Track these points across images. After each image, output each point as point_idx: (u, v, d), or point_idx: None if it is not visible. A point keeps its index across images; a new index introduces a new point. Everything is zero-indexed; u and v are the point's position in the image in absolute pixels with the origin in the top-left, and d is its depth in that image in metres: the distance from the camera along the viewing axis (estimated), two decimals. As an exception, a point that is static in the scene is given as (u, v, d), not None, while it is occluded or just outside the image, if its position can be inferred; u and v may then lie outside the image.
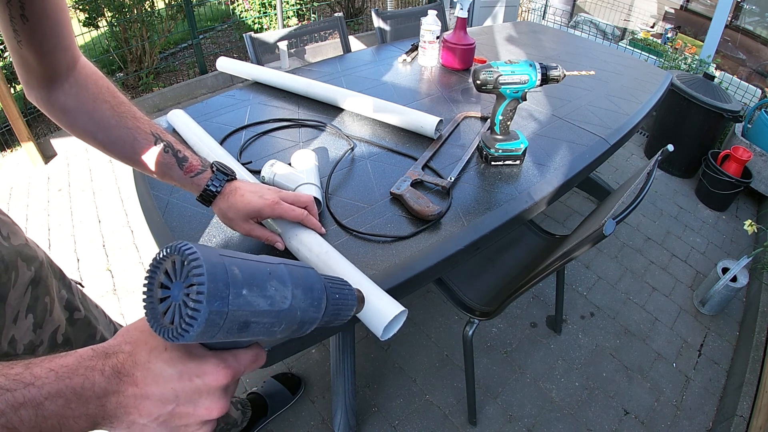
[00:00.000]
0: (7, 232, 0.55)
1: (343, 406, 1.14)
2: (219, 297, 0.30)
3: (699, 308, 1.70)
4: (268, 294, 0.34)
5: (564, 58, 1.77)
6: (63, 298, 0.65)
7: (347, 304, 0.46)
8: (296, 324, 0.37)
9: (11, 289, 0.52)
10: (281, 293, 0.35)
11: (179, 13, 3.06)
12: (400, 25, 1.99)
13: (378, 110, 1.17)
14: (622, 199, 0.85)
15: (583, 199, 2.22)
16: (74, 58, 0.57)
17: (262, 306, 0.33)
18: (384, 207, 0.89)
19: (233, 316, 0.31)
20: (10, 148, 2.44)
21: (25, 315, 0.55)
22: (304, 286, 0.38)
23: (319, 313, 0.40)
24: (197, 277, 0.29)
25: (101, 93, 0.59)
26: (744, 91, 2.63)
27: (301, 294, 0.37)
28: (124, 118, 0.60)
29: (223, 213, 0.67)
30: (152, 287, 0.32)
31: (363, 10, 4.25)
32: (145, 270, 1.70)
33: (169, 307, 0.30)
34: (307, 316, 0.38)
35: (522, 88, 0.96)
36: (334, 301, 0.43)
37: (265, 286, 0.34)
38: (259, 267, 0.35)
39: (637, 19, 3.54)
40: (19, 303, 0.54)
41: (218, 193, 0.66)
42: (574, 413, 1.33)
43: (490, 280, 1.18)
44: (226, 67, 1.41)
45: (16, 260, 0.54)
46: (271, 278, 0.35)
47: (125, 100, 0.62)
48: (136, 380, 0.33)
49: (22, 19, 0.47)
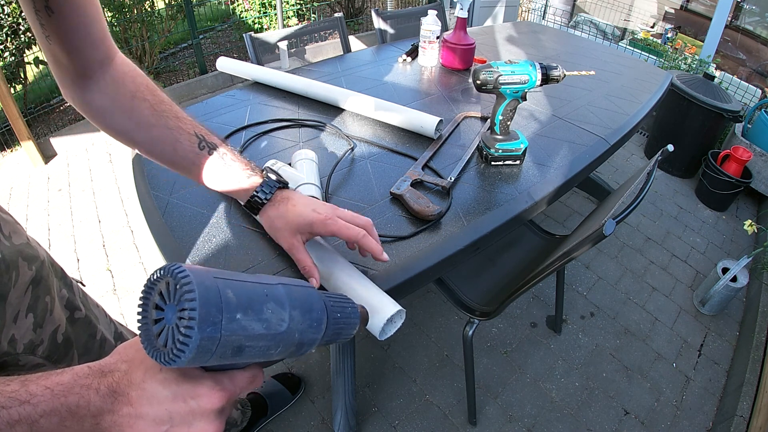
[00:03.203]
0: (8, 231, 0.55)
1: (343, 406, 1.14)
2: (211, 323, 0.29)
3: (699, 308, 1.70)
4: (264, 317, 0.33)
5: (564, 58, 1.77)
6: (64, 297, 0.65)
7: (350, 323, 0.45)
8: (294, 346, 0.37)
9: (12, 289, 0.52)
10: (278, 316, 0.34)
11: (179, 13, 3.06)
12: (400, 25, 1.99)
13: (378, 110, 1.17)
14: (622, 199, 0.85)
15: (583, 199, 2.22)
16: (108, 54, 0.54)
17: (257, 330, 0.32)
18: (384, 207, 0.89)
19: (226, 342, 0.30)
20: (10, 148, 2.44)
21: (25, 314, 0.55)
22: (303, 307, 0.37)
23: (319, 334, 0.39)
24: (189, 302, 0.29)
25: (140, 91, 0.56)
26: (744, 91, 2.63)
27: (300, 315, 0.37)
28: (165, 117, 0.56)
29: (270, 221, 0.63)
30: (147, 308, 0.31)
31: (363, 10, 4.25)
32: (145, 270, 1.70)
33: (162, 329, 0.30)
34: (305, 337, 0.38)
35: (522, 88, 0.96)
36: (335, 320, 0.42)
37: (261, 309, 0.33)
38: (255, 289, 0.34)
39: (637, 19, 3.54)
40: (19, 302, 0.54)
41: (267, 201, 0.61)
42: (574, 413, 1.33)
43: (490, 280, 1.18)
44: (226, 67, 1.41)
45: (17, 260, 0.54)
46: (268, 300, 0.34)
47: (166, 99, 0.59)
48: (131, 400, 0.33)
49: (47, 11, 0.44)
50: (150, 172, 0.97)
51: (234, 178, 0.60)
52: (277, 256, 0.77)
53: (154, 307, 0.31)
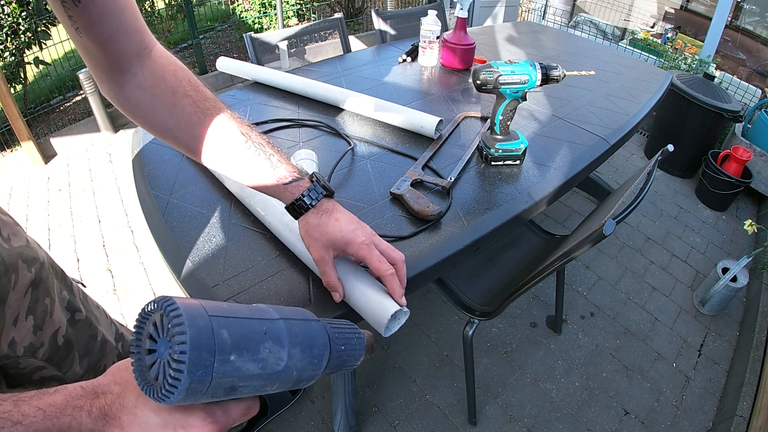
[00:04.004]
0: (7, 233, 0.55)
1: (343, 406, 1.14)
2: (201, 366, 0.28)
3: (699, 308, 1.70)
4: (261, 357, 0.32)
5: (564, 58, 1.77)
6: (64, 299, 0.65)
7: (354, 354, 0.43)
8: (291, 382, 0.36)
9: (11, 291, 0.52)
10: (276, 355, 0.33)
11: (179, 13, 3.07)
12: (400, 25, 1.99)
13: (378, 110, 1.17)
14: (622, 199, 0.85)
15: (583, 199, 2.22)
16: (146, 46, 0.51)
17: (252, 370, 0.31)
18: (384, 207, 0.89)
19: (218, 383, 0.30)
20: (10, 148, 2.44)
21: (25, 317, 0.54)
22: (304, 344, 0.36)
23: (319, 370, 0.38)
24: (179, 345, 0.28)
25: (181, 86, 0.53)
26: (744, 91, 2.63)
27: (300, 353, 0.35)
28: (209, 115, 0.54)
29: (308, 228, 0.60)
30: (140, 337, 0.31)
31: (363, 10, 4.25)
32: (144, 270, 1.70)
33: (155, 362, 0.29)
34: (304, 374, 0.37)
35: (522, 88, 0.96)
36: (339, 353, 0.40)
37: (258, 348, 0.32)
38: (253, 327, 0.33)
39: (637, 19, 3.54)
40: (19, 305, 0.53)
41: (312, 206, 0.59)
42: (574, 413, 1.33)
43: (490, 280, 1.18)
44: (226, 67, 1.41)
45: (16, 262, 0.53)
46: (266, 339, 0.33)
47: (210, 95, 0.56)
48: (122, 424, 0.33)
49: (74, 2, 0.43)
50: (150, 172, 0.97)
51: (280, 180, 0.58)
52: (277, 257, 0.77)
53: (148, 337, 0.30)
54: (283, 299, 0.70)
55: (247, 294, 0.71)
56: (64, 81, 2.84)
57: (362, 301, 0.66)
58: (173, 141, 0.56)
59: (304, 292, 0.72)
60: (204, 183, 0.94)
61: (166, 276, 1.69)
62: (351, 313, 0.68)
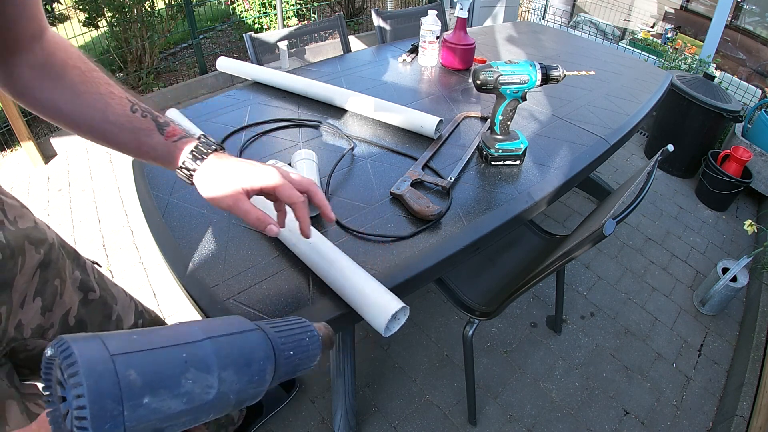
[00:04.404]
0: (14, 216, 0.54)
1: (343, 406, 1.14)
2: (108, 418, 0.25)
3: (699, 308, 1.70)
4: (183, 391, 0.28)
5: (564, 58, 1.77)
6: (77, 279, 0.64)
7: (308, 356, 0.39)
8: (231, 406, 0.32)
9: (18, 274, 0.52)
10: (203, 383, 0.29)
11: (179, 13, 3.06)
12: (400, 25, 1.99)
13: (378, 110, 1.17)
14: (622, 199, 0.85)
15: (583, 199, 2.22)
16: (42, 27, 0.51)
17: (175, 408, 0.28)
18: (384, 207, 0.89)
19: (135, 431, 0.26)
20: (10, 148, 2.44)
21: (32, 299, 0.54)
22: (239, 362, 0.32)
23: (263, 386, 0.34)
24: (78, 399, 0.24)
25: (71, 59, 0.53)
26: (744, 91, 2.63)
27: (234, 375, 0.31)
28: (96, 83, 0.53)
29: (206, 182, 0.56)
30: (51, 384, 0.27)
31: (363, 10, 4.25)
32: (145, 270, 1.70)
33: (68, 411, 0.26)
34: (245, 394, 0.32)
35: (522, 88, 0.96)
36: (288, 360, 0.37)
37: (178, 382, 0.28)
38: (169, 357, 0.28)
39: (637, 19, 3.54)
40: (26, 287, 0.53)
41: (206, 155, 0.56)
42: (574, 413, 1.33)
43: (490, 280, 1.18)
44: (226, 67, 1.41)
45: (23, 244, 0.53)
46: (188, 368, 0.29)
47: (99, 68, 0.55)
48: None
49: None
50: (150, 172, 0.97)
51: (170, 138, 0.56)
52: (278, 257, 0.77)
53: (57, 383, 0.27)
54: (283, 299, 0.70)
55: (247, 294, 0.71)
56: (64, 81, 2.84)
57: (362, 302, 0.66)
58: (61, 116, 0.54)
59: (304, 292, 0.72)
60: (204, 183, 0.94)
61: (166, 276, 1.69)
62: (351, 313, 0.69)
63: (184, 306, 1.57)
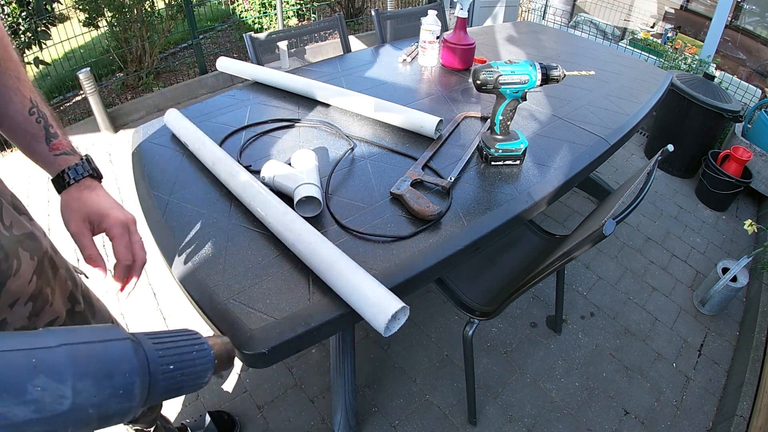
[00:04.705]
0: (10, 221, 0.54)
1: (343, 406, 1.14)
2: None
3: (699, 308, 1.70)
4: (31, 398, 0.26)
5: (564, 58, 1.77)
6: (67, 289, 0.65)
7: (194, 372, 0.35)
8: (95, 421, 0.29)
9: (11, 276, 0.52)
10: (54, 392, 0.27)
11: (179, 13, 3.06)
12: (400, 25, 1.99)
13: (378, 110, 1.17)
14: (622, 199, 0.85)
15: (583, 199, 2.22)
16: None
17: (21, 416, 0.25)
18: (384, 207, 0.89)
19: None
20: (10, 148, 2.44)
21: (24, 302, 0.54)
22: (98, 373, 0.29)
23: (132, 402, 0.31)
24: None
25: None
26: (744, 91, 2.63)
27: (92, 386, 0.28)
28: (6, 75, 0.55)
29: (67, 203, 0.60)
30: None
31: (363, 10, 4.25)
32: (145, 270, 1.70)
33: None
34: (108, 409, 0.29)
35: (522, 88, 0.96)
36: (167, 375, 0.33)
37: (25, 387, 0.26)
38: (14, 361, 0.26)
39: (637, 19, 3.54)
40: (21, 290, 0.53)
41: (75, 181, 0.60)
42: (574, 413, 1.33)
43: (490, 280, 1.18)
44: (226, 67, 1.41)
45: (16, 249, 0.53)
46: (36, 374, 0.26)
47: (15, 59, 0.56)
48: None
49: None
50: (150, 172, 0.97)
51: (53, 151, 0.59)
52: (277, 257, 0.77)
53: None
54: (283, 299, 0.70)
55: (247, 294, 0.71)
56: (64, 81, 2.84)
57: (362, 302, 0.66)
58: None
59: (304, 292, 0.72)
60: (204, 183, 0.94)
61: (166, 276, 1.69)
62: (351, 313, 0.69)
63: (184, 306, 1.57)
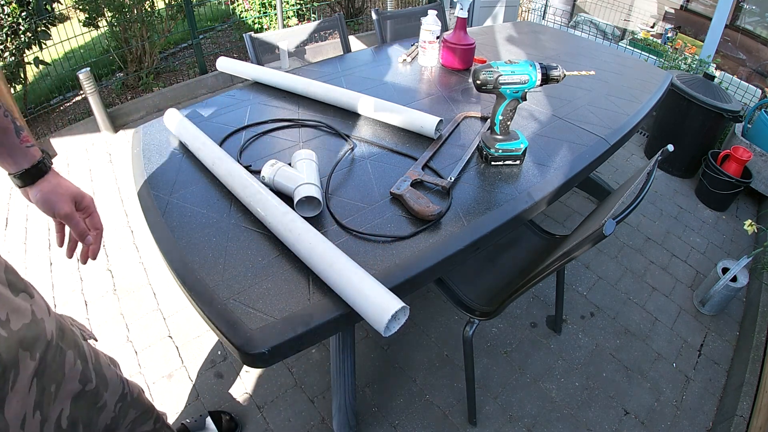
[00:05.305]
0: (6, 312, 0.50)
1: (343, 406, 1.14)
2: None
3: (699, 308, 1.70)
4: None
5: (564, 58, 1.77)
6: (78, 371, 0.62)
7: None
8: None
9: (9, 392, 0.48)
10: None
11: (179, 13, 3.06)
12: (400, 25, 1.99)
13: (378, 110, 1.17)
14: (622, 199, 0.85)
15: (583, 199, 2.22)
16: None
17: None
18: (384, 207, 0.89)
19: None
20: None
21: (32, 414, 0.51)
22: None
23: None
24: None
25: None
26: (744, 91, 2.63)
27: None
28: None
29: (53, 188, 0.67)
30: None
31: (363, 10, 4.25)
32: (145, 270, 1.70)
33: None
34: None
35: (522, 88, 0.96)
36: None
37: None
38: None
39: (637, 19, 3.54)
40: (23, 404, 0.50)
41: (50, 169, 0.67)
42: (574, 413, 1.33)
43: (490, 280, 1.18)
44: (226, 67, 1.41)
45: (16, 354, 0.49)
46: None
47: None
48: None
49: None
50: (150, 172, 0.97)
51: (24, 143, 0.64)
52: (277, 257, 0.77)
53: None
54: (283, 299, 0.70)
55: (247, 294, 0.71)
56: (64, 81, 2.84)
57: (362, 302, 0.66)
58: None
59: (304, 292, 0.72)
60: (204, 183, 0.94)
61: (166, 276, 1.69)
62: (351, 313, 0.69)
63: (184, 306, 1.57)
